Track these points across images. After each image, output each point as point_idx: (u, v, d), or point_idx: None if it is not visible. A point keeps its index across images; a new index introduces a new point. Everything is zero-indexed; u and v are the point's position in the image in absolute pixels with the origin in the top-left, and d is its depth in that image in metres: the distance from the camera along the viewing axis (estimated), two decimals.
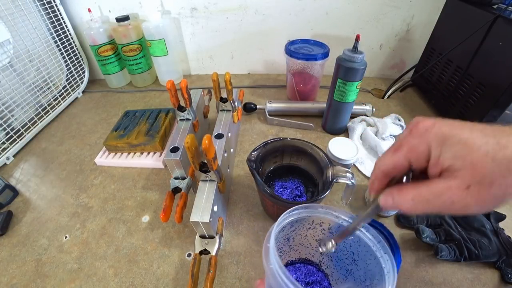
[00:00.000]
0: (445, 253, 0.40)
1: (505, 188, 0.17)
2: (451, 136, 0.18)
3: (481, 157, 0.17)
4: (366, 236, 0.29)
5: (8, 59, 0.64)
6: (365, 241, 0.29)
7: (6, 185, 0.53)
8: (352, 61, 0.53)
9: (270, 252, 0.24)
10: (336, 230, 0.32)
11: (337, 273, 0.36)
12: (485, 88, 0.55)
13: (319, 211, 0.31)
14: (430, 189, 0.19)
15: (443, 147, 0.19)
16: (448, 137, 0.19)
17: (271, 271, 0.23)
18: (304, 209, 0.31)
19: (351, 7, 0.76)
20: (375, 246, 0.28)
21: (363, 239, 0.29)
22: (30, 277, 0.42)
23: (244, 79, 0.91)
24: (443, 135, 0.19)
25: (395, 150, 0.21)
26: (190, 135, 0.33)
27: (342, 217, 0.31)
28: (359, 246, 0.30)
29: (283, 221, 0.29)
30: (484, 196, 0.17)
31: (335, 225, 0.32)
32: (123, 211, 0.51)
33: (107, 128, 0.71)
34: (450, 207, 0.18)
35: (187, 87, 0.49)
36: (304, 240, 0.37)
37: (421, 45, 0.77)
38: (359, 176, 0.55)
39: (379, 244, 0.28)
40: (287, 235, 0.35)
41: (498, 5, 0.56)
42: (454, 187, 0.18)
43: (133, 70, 0.86)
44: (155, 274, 0.41)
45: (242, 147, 0.63)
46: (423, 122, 0.20)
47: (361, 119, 0.67)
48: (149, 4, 0.79)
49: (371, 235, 0.28)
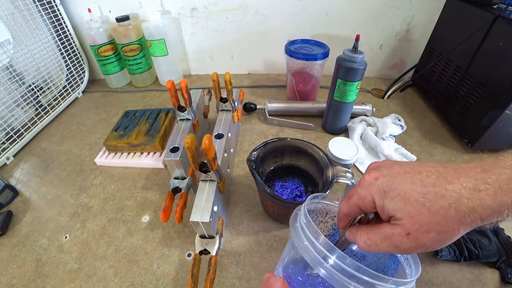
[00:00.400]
0: (445, 253, 0.40)
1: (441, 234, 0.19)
2: (391, 190, 0.21)
3: (418, 209, 0.19)
4: None
5: (8, 59, 0.64)
6: None
7: (6, 185, 0.53)
8: (352, 61, 0.53)
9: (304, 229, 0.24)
10: None
11: None
12: (485, 88, 0.55)
13: (334, 204, 0.31)
14: (378, 234, 0.21)
15: (385, 200, 0.21)
16: (389, 191, 0.21)
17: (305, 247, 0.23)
18: (322, 199, 0.31)
19: (351, 7, 0.76)
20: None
21: None
22: (30, 277, 0.42)
23: (244, 79, 0.91)
24: (384, 189, 0.21)
25: (348, 198, 0.24)
26: (190, 135, 0.33)
27: None
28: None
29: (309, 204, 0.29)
30: (423, 241, 0.19)
31: None
32: (123, 211, 0.51)
33: (107, 128, 0.71)
34: (395, 250, 0.21)
35: (187, 87, 0.49)
36: None
37: (421, 45, 0.77)
38: (359, 176, 0.55)
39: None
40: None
41: (498, 5, 0.56)
42: (397, 234, 0.20)
43: (133, 70, 0.86)
44: (155, 274, 0.41)
45: (242, 147, 0.63)
46: (369, 175, 0.23)
47: (361, 119, 0.67)
48: (149, 4, 0.79)
49: None
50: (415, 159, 0.56)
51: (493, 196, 0.18)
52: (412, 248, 0.20)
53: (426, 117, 0.70)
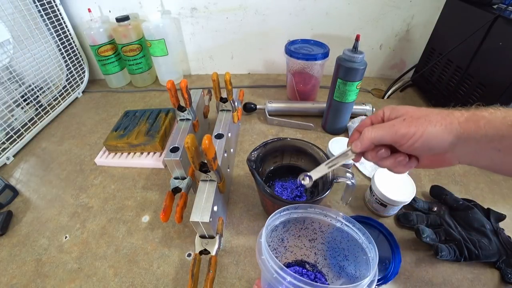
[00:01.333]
0: (445, 253, 0.40)
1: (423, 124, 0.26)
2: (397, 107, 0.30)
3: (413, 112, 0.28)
4: (353, 231, 0.31)
5: (8, 59, 0.64)
6: (352, 236, 0.32)
7: (6, 185, 0.53)
8: (352, 61, 0.53)
9: (262, 246, 0.27)
10: (326, 228, 0.34)
11: (332, 271, 0.37)
12: (485, 88, 0.55)
13: (309, 211, 0.33)
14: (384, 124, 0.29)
15: (391, 111, 0.30)
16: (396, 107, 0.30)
17: (263, 262, 0.26)
18: (294, 209, 0.33)
19: (351, 7, 0.76)
20: (360, 238, 0.31)
21: (351, 234, 0.32)
22: (30, 277, 0.42)
23: (244, 79, 0.91)
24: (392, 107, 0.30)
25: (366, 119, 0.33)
26: (190, 135, 0.33)
27: (332, 216, 0.33)
28: (348, 241, 0.33)
29: (272, 222, 0.31)
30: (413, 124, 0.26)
31: (325, 225, 0.34)
32: (123, 211, 0.51)
33: (107, 128, 0.71)
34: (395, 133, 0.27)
35: (187, 87, 0.49)
36: (298, 241, 0.37)
37: (421, 45, 0.77)
38: (359, 176, 0.55)
39: (364, 236, 0.30)
40: (281, 235, 0.36)
41: (498, 5, 0.56)
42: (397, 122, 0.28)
43: (133, 70, 0.86)
44: (155, 274, 0.41)
45: (242, 147, 0.63)
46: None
47: (361, 119, 0.67)
48: (149, 4, 0.79)
49: (357, 229, 0.31)
50: None
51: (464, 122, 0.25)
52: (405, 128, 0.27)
53: None
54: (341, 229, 0.33)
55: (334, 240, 0.35)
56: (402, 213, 0.46)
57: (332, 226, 0.34)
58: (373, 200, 0.47)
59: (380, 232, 0.44)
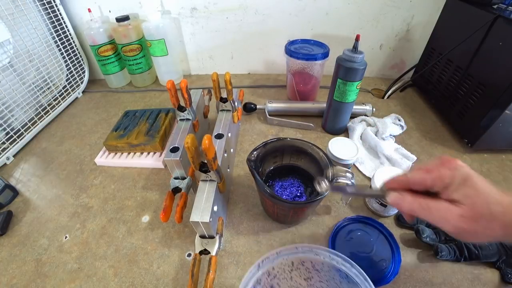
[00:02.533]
0: (445, 253, 0.40)
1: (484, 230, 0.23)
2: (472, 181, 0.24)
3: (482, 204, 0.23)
4: (353, 273, 0.30)
5: (8, 59, 0.64)
6: (353, 278, 0.30)
7: (6, 185, 0.53)
8: (352, 61, 0.53)
9: None
10: (320, 266, 0.33)
11: None
12: (485, 88, 0.55)
13: (293, 251, 0.32)
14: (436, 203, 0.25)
15: (461, 186, 0.24)
16: (470, 180, 0.24)
17: None
18: (276, 255, 0.31)
19: (351, 7, 0.76)
20: (363, 283, 0.29)
21: (350, 277, 0.30)
22: (30, 277, 0.42)
23: (244, 79, 0.91)
24: (466, 178, 0.24)
25: (427, 171, 0.27)
26: (190, 135, 0.33)
27: (321, 252, 0.31)
28: (348, 283, 0.31)
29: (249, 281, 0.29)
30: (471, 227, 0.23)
31: (318, 262, 0.32)
32: (123, 211, 0.51)
33: (107, 128, 0.71)
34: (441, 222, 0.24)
35: (187, 87, 0.49)
36: (292, 282, 0.35)
37: (421, 45, 0.77)
38: (359, 176, 0.55)
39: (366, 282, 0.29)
40: (269, 284, 0.34)
41: (498, 5, 0.56)
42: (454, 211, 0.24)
43: (133, 70, 0.86)
44: (155, 274, 0.41)
45: (242, 147, 0.63)
46: (457, 160, 0.26)
47: (361, 119, 0.67)
48: (149, 4, 0.79)
49: (357, 271, 0.30)
50: (415, 159, 0.56)
51: None
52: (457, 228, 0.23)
53: (426, 117, 0.71)
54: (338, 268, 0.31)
55: (333, 279, 0.33)
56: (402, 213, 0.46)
57: (326, 264, 0.32)
58: (373, 200, 0.47)
59: (380, 232, 0.44)
